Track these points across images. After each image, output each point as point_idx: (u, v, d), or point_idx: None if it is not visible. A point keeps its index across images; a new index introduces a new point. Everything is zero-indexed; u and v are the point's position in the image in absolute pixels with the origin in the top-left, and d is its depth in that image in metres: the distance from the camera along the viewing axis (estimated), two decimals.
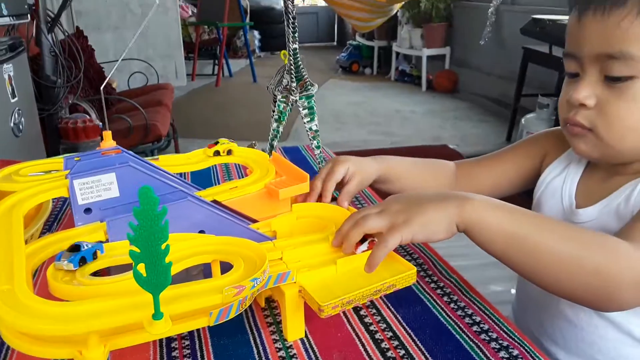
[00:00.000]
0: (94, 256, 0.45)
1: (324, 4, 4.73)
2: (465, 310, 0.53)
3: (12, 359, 0.46)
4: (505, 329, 0.50)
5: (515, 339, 0.48)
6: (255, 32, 6.76)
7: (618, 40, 0.53)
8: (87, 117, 2.06)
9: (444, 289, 0.57)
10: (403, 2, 4.02)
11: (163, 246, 0.33)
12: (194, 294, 0.38)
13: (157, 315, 0.35)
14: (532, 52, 3.01)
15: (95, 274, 0.44)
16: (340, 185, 0.67)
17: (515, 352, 0.46)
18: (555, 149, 0.71)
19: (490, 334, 0.49)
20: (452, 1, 4.56)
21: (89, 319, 0.35)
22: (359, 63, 5.80)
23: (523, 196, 0.75)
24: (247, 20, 5.65)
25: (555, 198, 0.68)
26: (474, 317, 0.52)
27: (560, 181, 0.68)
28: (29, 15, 1.99)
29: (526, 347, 0.47)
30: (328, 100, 4.53)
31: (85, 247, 0.44)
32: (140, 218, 0.33)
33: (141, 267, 0.34)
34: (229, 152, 0.68)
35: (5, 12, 1.76)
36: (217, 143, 0.68)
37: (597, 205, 0.62)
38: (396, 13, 4.56)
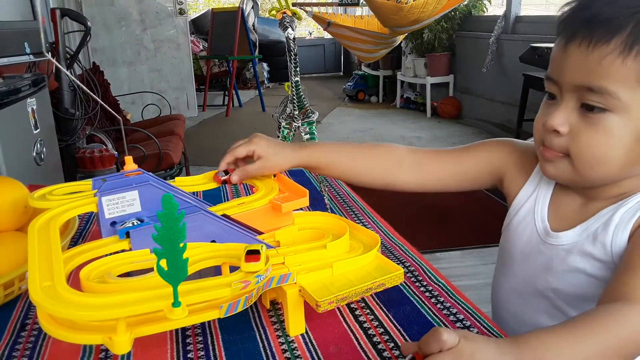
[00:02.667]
0: None
1: (330, 36, 4.88)
2: (450, 309, 0.59)
3: (46, 351, 0.53)
4: (485, 325, 0.56)
5: (494, 334, 0.54)
6: (264, 64, 6.96)
7: (598, 75, 0.54)
8: (103, 147, 2.16)
9: (432, 292, 0.63)
10: (406, 34, 4.12)
11: (181, 244, 0.40)
12: (207, 287, 0.45)
13: (176, 303, 0.42)
14: (532, 79, 3.09)
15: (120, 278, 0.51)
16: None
17: None
18: (517, 167, 0.71)
19: (472, 329, 0.55)
20: (454, 32, 4.70)
21: (118, 307, 0.41)
22: (365, 92, 5.93)
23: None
24: (256, 53, 5.83)
25: (527, 222, 0.69)
26: (457, 315, 0.57)
27: (531, 204, 0.69)
28: (49, 53, 2.11)
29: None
30: (335, 127, 4.63)
31: None
32: (163, 220, 0.39)
33: (163, 262, 0.40)
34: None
35: (28, 50, 1.88)
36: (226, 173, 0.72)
37: (576, 229, 0.63)
38: (400, 44, 4.65)
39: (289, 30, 0.84)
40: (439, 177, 0.75)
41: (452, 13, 4.47)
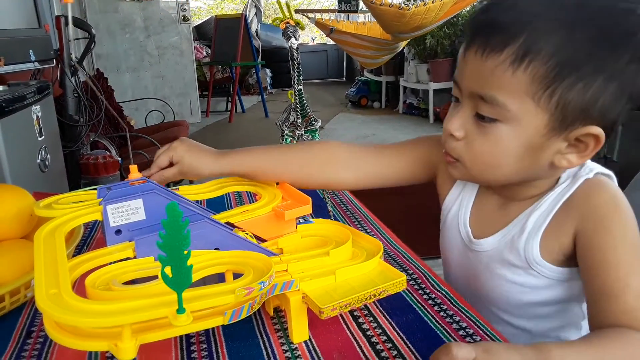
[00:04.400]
0: None
1: (333, 42, 4.90)
2: (454, 317, 0.59)
3: (52, 358, 0.53)
4: (488, 333, 0.56)
5: (497, 341, 0.54)
6: (267, 70, 6.98)
7: (490, 85, 0.54)
8: (107, 153, 2.17)
9: (435, 300, 0.63)
10: (409, 40, 4.13)
11: (185, 252, 0.41)
12: (211, 294, 0.45)
13: (180, 310, 0.42)
14: None
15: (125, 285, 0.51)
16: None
17: None
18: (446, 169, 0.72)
19: (474, 337, 0.55)
20: (456, 37, 4.71)
21: (124, 314, 0.42)
22: (368, 97, 5.94)
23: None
24: (259, 59, 5.85)
25: (454, 228, 0.70)
26: (460, 323, 0.57)
27: (456, 208, 0.70)
28: (54, 60, 2.13)
29: None
30: (338, 133, 4.64)
31: None
32: (167, 228, 0.40)
33: (168, 269, 0.41)
34: None
35: (33, 57, 1.90)
36: None
37: (497, 235, 0.65)
38: (402, 50, 4.67)
39: (292, 39, 0.85)
40: (376, 172, 0.74)
41: (455, 19, 4.48)
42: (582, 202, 0.60)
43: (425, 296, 0.64)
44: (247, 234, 0.60)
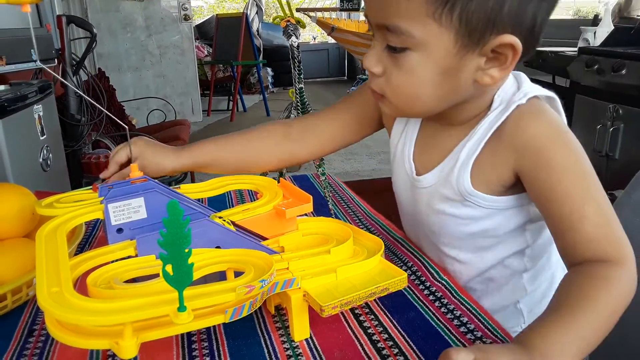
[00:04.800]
0: None
1: (334, 41, 4.90)
2: (454, 312, 0.59)
3: (54, 357, 0.53)
4: (489, 326, 0.56)
5: (498, 335, 0.54)
6: (269, 69, 6.98)
7: (390, 13, 0.53)
8: (109, 152, 2.18)
9: (436, 294, 0.63)
10: None
11: (187, 250, 0.41)
12: (212, 292, 0.45)
13: (181, 308, 0.42)
14: (537, 82, 3.08)
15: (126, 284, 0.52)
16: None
17: None
18: None
19: (475, 332, 0.55)
20: None
21: (125, 312, 0.42)
22: None
23: None
24: (261, 58, 5.85)
25: (401, 165, 0.69)
26: (461, 319, 0.57)
27: (401, 145, 0.69)
28: (55, 60, 2.14)
29: (506, 342, 0.53)
30: None
31: None
32: (169, 226, 0.40)
33: (169, 267, 0.41)
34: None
35: (35, 57, 1.90)
36: None
37: (435, 171, 0.64)
38: None
39: (293, 38, 0.85)
40: (331, 135, 0.74)
41: None
42: (515, 134, 0.58)
43: (426, 291, 0.64)
44: (224, 220, 0.60)
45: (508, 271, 0.69)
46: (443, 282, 0.65)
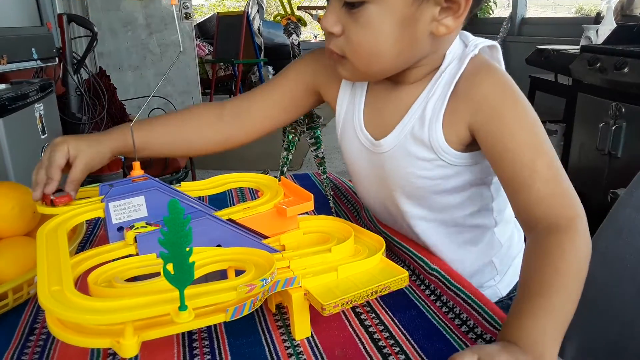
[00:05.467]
0: None
1: None
2: (454, 309, 0.58)
3: (54, 355, 0.53)
4: (488, 318, 0.55)
5: (497, 326, 0.54)
6: (270, 68, 6.97)
7: None
8: None
9: (432, 288, 0.63)
10: None
11: (187, 248, 0.41)
12: (213, 291, 0.45)
13: (182, 307, 0.42)
14: (539, 81, 3.08)
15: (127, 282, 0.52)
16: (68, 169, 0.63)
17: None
18: (327, 76, 0.70)
19: (476, 329, 0.55)
20: None
21: (126, 311, 0.42)
22: None
23: None
24: (262, 56, 5.84)
25: (351, 136, 0.68)
26: (461, 316, 0.57)
27: (350, 114, 0.68)
28: (56, 58, 2.14)
29: None
30: None
31: None
32: (169, 225, 0.40)
33: (169, 266, 0.41)
34: None
35: (35, 56, 1.91)
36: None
37: (394, 132, 0.64)
38: None
39: (294, 36, 0.85)
40: (264, 115, 0.74)
41: None
42: (471, 89, 0.59)
43: (422, 286, 0.64)
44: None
45: (479, 229, 0.70)
46: (434, 272, 0.64)
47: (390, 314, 0.59)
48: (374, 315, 0.59)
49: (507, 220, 0.72)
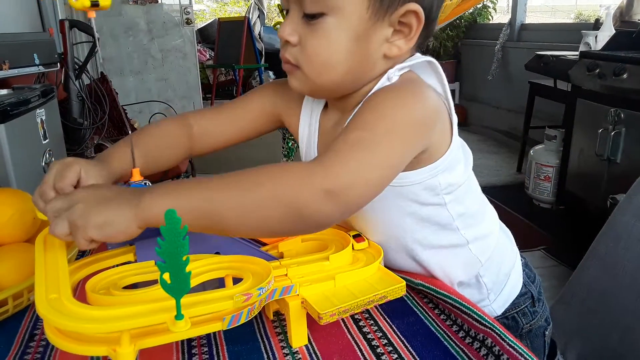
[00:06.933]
0: None
1: None
2: (451, 317, 0.59)
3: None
4: (477, 317, 0.55)
5: (487, 324, 0.54)
6: (270, 73, 6.99)
7: None
8: None
9: (435, 301, 0.63)
10: None
11: (184, 258, 0.41)
12: (209, 300, 0.45)
13: (178, 316, 0.42)
14: (538, 86, 3.09)
15: (125, 289, 0.52)
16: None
17: (489, 341, 0.52)
18: (288, 104, 0.72)
19: (470, 332, 0.55)
20: (459, 39, 4.70)
21: (123, 320, 0.42)
22: None
23: None
24: (262, 61, 5.86)
25: (311, 156, 0.69)
26: (457, 322, 0.57)
27: (307, 139, 0.70)
28: (58, 64, 2.14)
29: (497, 331, 0.52)
30: None
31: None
32: (166, 235, 0.40)
33: (166, 276, 0.41)
34: None
35: (37, 61, 1.91)
36: None
37: None
38: None
39: None
40: (228, 137, 0.77)
41: (458, 21, 4.48)
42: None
43: (425, 299, 0.64)
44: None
45: (447, 249, 0.67)
46: (420, 287, 0.64)
47: (388, 320, 0.59)
48: (372, 322, 0.59)
49: (484, 236, 0.70)
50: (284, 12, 0.62)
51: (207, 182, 0.51)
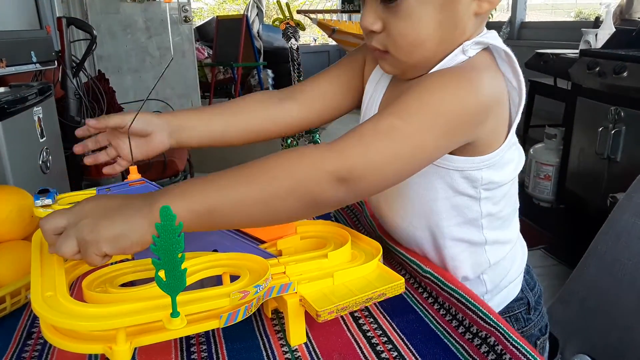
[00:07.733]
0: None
1: (334, 43, 4.90)
2: (451, 311, 0.58)
3: (52, 359, 0.53)
4: (481, 314, 0.54)
5: (492, 322, 0.53)
6: (269, 71, 6.98)
7: None
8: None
9: (432, 294, 0.62)
10: None
11: (179, 255, 0.40)
12: (206, 297, 0.45)
13: (174, 313, 0.42)
14: (538, 85, 3.08)
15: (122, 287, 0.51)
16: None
17: (492, 340, 0.51)
18: (371, 59, 0.71)
19: (471, 329, 0.54)
20: None
21: (118, 317, 0.42)
22: None
23: None
24: (261, 60, 5.85)
25: (371, 112, 0.68)
26: (458, 316, 0.57)
27: (375, 94, 0.69)
28: (56, 62, 2.13)
29: (501, 330, 0.52)
30: (340, 133, 4.61)
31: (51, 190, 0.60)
32: (161, 232, 0.40)
33: (162, 273, 0.40)
34: None
35: (34, 59, 1.90)
36: None
37: None
38: None
39: (292, 40, 0.85)
40: (322, 105, 0.76)
41: None
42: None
43: (425, 294, 0.63)
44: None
45: (464, 244, 0.66)
46: (427, 274, 0.64)
47: (388, 318, 0.59)
48: (372, 319, 0.59)
49: (501, 242, 0.69)
50: (361, 3, 0.61)
51: (219, 179, 0.50)
